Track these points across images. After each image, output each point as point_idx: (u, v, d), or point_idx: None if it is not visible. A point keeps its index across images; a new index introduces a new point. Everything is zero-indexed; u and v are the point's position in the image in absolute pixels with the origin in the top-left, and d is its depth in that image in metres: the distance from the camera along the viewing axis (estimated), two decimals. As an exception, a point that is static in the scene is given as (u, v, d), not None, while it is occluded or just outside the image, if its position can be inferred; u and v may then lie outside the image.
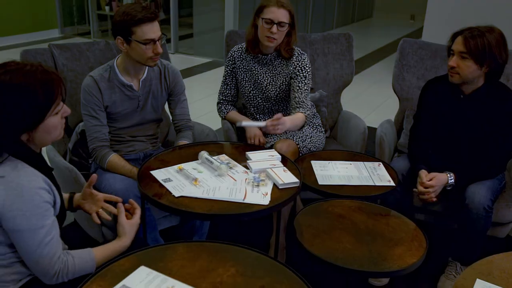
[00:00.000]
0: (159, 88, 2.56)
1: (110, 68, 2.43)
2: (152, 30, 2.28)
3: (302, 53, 2.77)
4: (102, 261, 1.71)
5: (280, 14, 2.58)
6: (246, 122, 2.60)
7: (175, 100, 2.66)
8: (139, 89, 2.48)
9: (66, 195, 1.95)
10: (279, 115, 2.38)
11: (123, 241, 1.79)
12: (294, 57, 2.75)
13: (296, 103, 2.70)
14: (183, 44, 8.24)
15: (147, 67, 2.48)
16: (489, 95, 2.46)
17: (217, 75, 6.64)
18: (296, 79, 2.72)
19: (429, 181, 2.41)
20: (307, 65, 2.75)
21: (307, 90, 2.73)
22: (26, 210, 1.49)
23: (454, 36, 2.42)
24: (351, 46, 3.36)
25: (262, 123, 2.43)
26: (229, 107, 2.96)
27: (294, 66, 2.73)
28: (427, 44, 3.22)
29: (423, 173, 2.46)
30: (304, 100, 2.70)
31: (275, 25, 2.57)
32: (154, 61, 2.37)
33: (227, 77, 2.92)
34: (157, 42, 2.31)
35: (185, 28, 8.52)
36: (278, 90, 2.79)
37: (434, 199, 2.40)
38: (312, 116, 2.95)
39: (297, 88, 2.71)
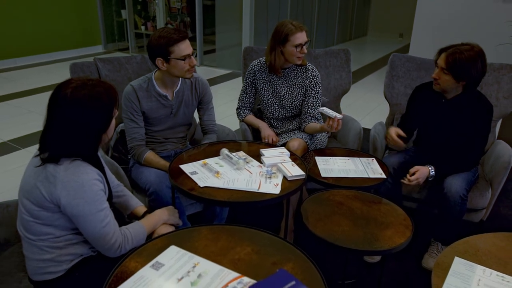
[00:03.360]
0: (190, 98, 2.56)
1: (148, 80, 2.43)
2: (187, 47, 2.28)
3: (314, 69, 2.79)
4: (148, 227, 1.75)
5: (304, 36, 2.61)
6: (324, 108, 2.50)
7: (204, 108, 2.66)
8: (173, 99, 2.48)
9: (142, 209, 1.95)
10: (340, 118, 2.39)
11: (158, 212, 1.87)
12: (309, 72, 2.76)
13: (312, 117, 2.76)
14: (207, 58, 8.24)
15: (180, 80, 2.48)
16: (466, 102, 2.44)
17: (235, 84, 6.65)
18: (310, 96, 2.76)
19: (413, 174, 2.40)
20: (319, 82, 2.78)
21: (319, 106, 2.77)
22: (87, 197, 1.51)
23: (440, 52, 2.40)
24: (349, 59, 3.35)
25: (339, 115, 2.40)
26: (246, 112, 2.96)
27: (310, 81, 2.76)
28: (413, 58, 3.20)
29: (392, 129, 2.51)
30: (317, 115, 2.78)
31: (303, 46, 2.60)
32: (191, 72, 2.37)
33: (247, 87, 2.92)
34: (192, 56, 2.33)
35: (209, 44, 8.51)
36: (293, 99, 2.79)
37: (417, 188, 2.40)
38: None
39: (311, 104, 2.77)
